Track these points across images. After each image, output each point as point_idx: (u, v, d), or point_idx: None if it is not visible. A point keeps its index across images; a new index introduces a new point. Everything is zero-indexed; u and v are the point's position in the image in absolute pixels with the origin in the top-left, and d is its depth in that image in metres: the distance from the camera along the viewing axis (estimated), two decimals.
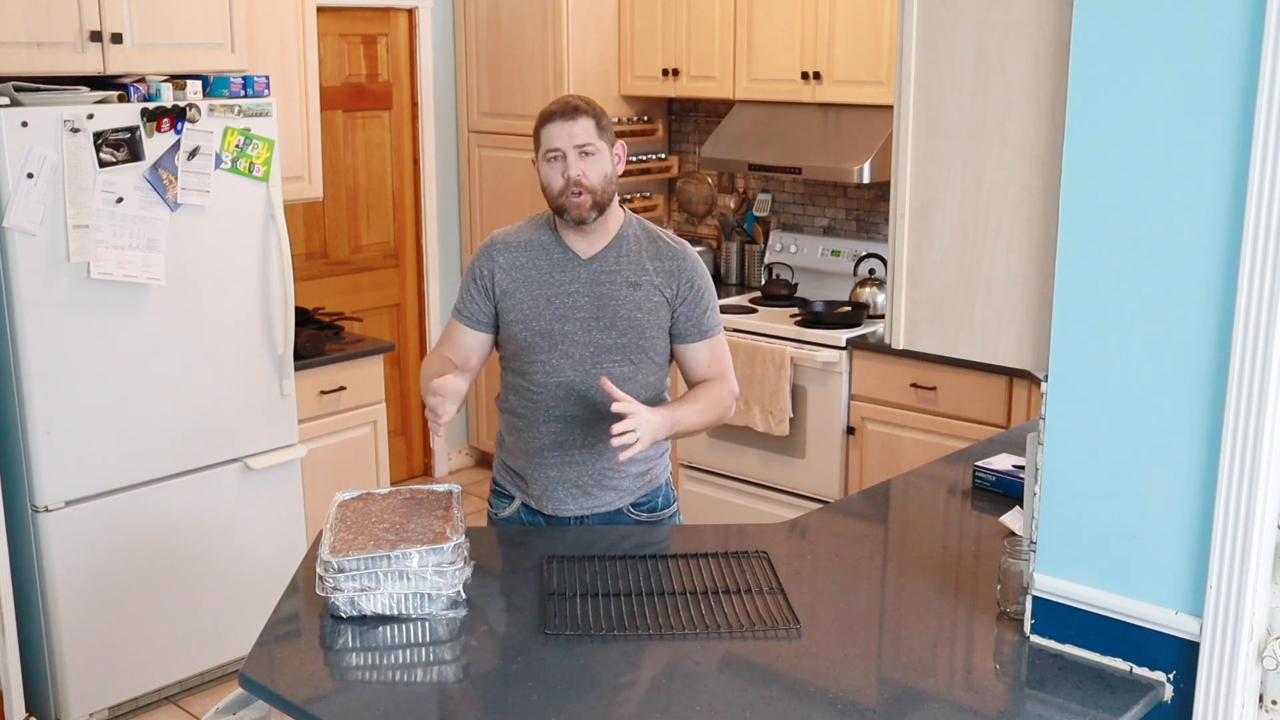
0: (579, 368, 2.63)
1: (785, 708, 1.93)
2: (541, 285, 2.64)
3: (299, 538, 4.05)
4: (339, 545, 2.24)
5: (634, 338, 2.64)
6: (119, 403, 3.58)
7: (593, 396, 2.63)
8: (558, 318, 2.63)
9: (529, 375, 2.67)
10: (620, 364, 2.64)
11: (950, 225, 2.10)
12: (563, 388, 2.64)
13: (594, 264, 2.64)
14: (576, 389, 2.64)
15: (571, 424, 2.66)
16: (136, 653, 3.72)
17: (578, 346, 2.63)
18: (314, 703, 1.98)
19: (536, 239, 2.68)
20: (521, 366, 2.68)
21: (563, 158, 2.57)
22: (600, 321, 2.63)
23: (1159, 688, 1.97)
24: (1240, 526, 1.83)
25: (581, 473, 2.69)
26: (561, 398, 2.65)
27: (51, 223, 3.37)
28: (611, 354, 2.64)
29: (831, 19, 4.56)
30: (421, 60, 5.50)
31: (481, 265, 2.69)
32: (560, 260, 2.65)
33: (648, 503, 2.78)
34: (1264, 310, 1.76)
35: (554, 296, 2.63)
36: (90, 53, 3.53)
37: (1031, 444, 2.11)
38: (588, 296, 2.63)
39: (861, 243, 4.95)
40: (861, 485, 4.39)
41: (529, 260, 2.66)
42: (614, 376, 2.60)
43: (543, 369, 2.65)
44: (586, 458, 2.68)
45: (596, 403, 2.62)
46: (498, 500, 2.82)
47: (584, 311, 2.63)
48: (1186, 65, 1.79)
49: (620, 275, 2.64)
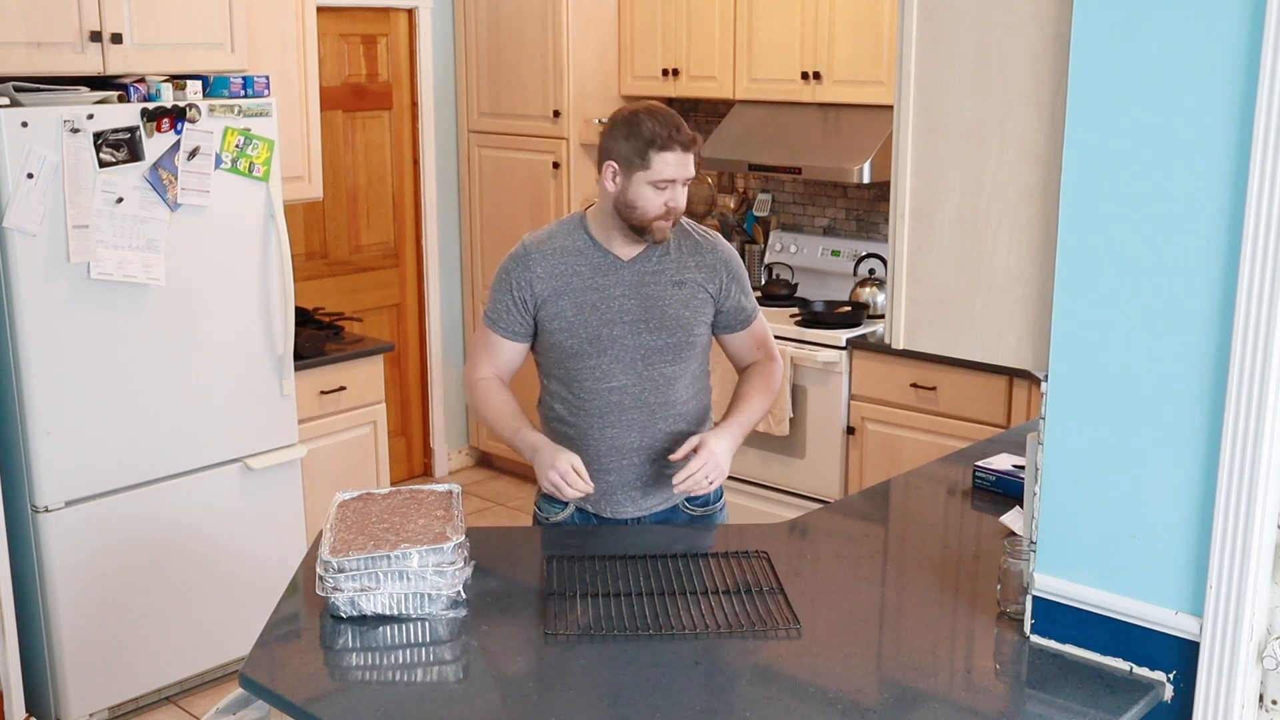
0: (630, 370, 2.62)
1: (785, 708, 1.93)
2: (585, 291, 2.60)
3: (299, 538, 4.05)
4: (339, 545, 2.24)
5: (683, 336, 2.65)
6: (119, 403, 3.58)
7: (646, 398, 2.63)
8: (605, 322, 2.60)
9: (577, 382, 2.64)
10: (670, 363, 2.65)
11: (950, 225, 2.10)
12: (615, 392, 2.63)
13: (636, 265, 2.62)
14: (629, 392, 2.63)
15: (627, 428, 2.64)
16: (136, 653, 3.72)
17: (628, 350, 2.61)
18: (314, 703, 1.98)
19: (572, 244, 2.63)
20: (568, 374, 2.65)
21: (671, 187, 2.53)
22: (649, 323, 2.61)
23: (1159, 688, 1.97)
24: (1240, 526, 1.83)
25: (639, 474, 2.67)
26: (614, 402, 2.63)
27: (51, 223, 3.37)
28: (662, 354, 2.64)
29: (831, 19, 4.56)
30: (421, 60, 5.50)
31: (517, 276, 2.62)
32: (601, 264, 2.61)
33: (700, 497, 2.76)
34: (1264, 310, 1.76)
35: (599, 301, 2.60)
36: (90, 53, 3.53)
37: (1031, 444, 2.11)
38: (634, 299, 2.61)
39: (861, 243, 4.95)
40: (861, 485, 4.39)
41: (568, 266, 2.61)
42: (666, 376, 2.63)
43: (592, 375, 2.62)
44: (643, 459, 2.67)
45: (651, 404, 2.64)
46: (549, 505, 2.75)
47: (631, 314, 2.60)
48: (1186, 65, 1.79)
49: (664, 275, 2.63)
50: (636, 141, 2.51)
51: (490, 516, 5.42)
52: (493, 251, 5.62)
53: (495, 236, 5.60)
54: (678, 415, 2.69)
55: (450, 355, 5.85)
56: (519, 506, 5.52)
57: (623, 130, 2.54)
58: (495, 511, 5.49)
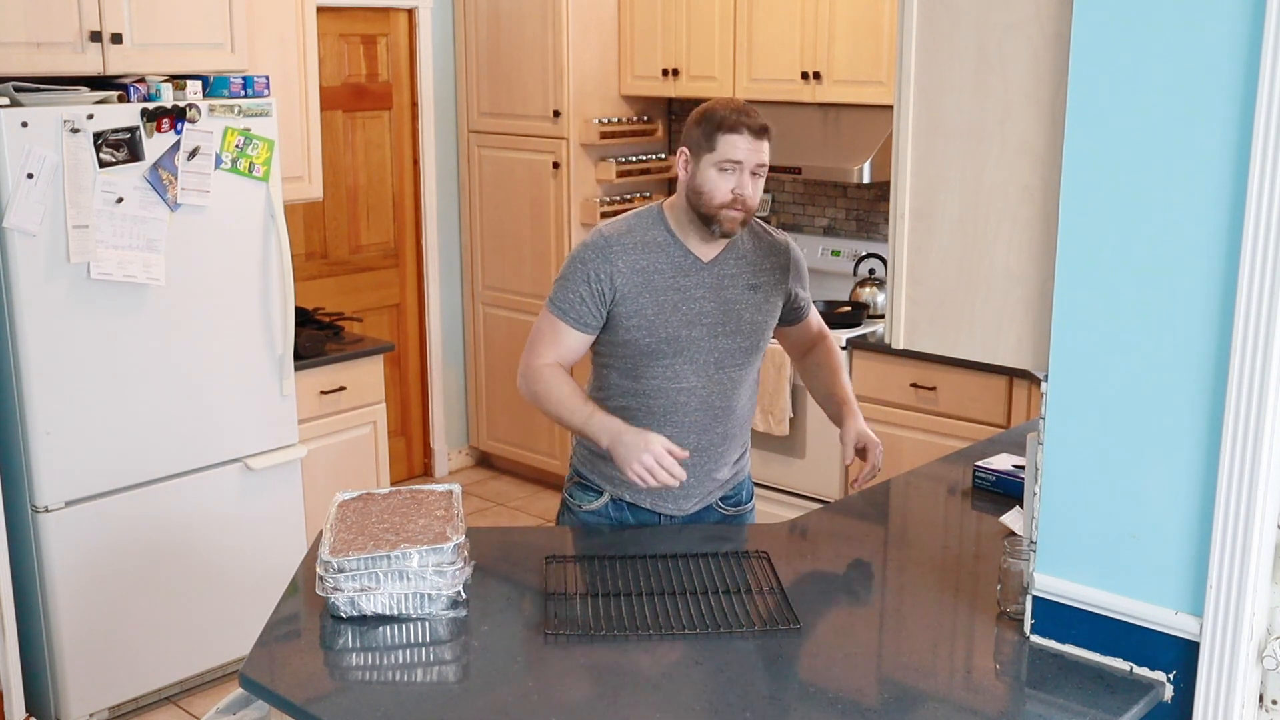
0: (702, 373, 2.60)
1: (785, 707, 1.93)
2: (666, 290, 2.56)
3: (299, 538, 4.05)
4: (339, 545, 2.24)
5: (755, 340, 2.66)
6: (119, 403, 3.58)
7: (712, 400, 2.63)
8: (685, 324, 2.57)
9: (646, 379, 2.61)
10: (741, 366, 2.65)
11: (950, 225, 2.10)
12: (683, 393, 2.61)
13: (715, 267, 2.60)
14: (698, 394, 2.61)
15: (687, 429, 2.62)
16: (136, 653, 3.72)
17: (703, 352, 2.60)
18: (314, 703, 1.98)
19: (653, 239, 2.58)
20: (637, 370, 2.61)
21: (739, 171, 2.51)
22: (726, 327, 2.60)
23: (1159, 688, 1.97)
24: (1240, 526, 1.83)
25: (689, 476, 2.59)
26: (681, 403, 2.61)
27: (51, 223, 3.37)
28: (734, 357, 2.63)
29: (831, 19, 4.56)
30: (421, 60, 5.50)
31: (597, 267, 2.54)
32: (682, 264, 2.58)
33: (734, 496, 2.78)
34: (1264, 309, 1.76)
35: (680, 302, 2.57)
36: (90, 53, 3.53)
37: (1031, 444, 2.11)
38: (713, 301, 2.59)
39: (861, 243, 4.95)
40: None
41: (650, 263, 2.56)
42: (733, 379, 2.64)
43: (664, 374, 2.59)
44: (697, 460, 2.63)
45: (715, 407, 2.64)
46: (583, 493, 2.73)
47: (710, 317, 2.59)
48: (1186, 65, 1.79)
49: (741, 279, 2.62)
50: (706, 125, 2.52)
51: (490, 516, 5.42)
52: (493, 251, 5.63)
53: (495, 236, 5.60)
54: (735, 419, 2.69)
55: (450, 355, 5.85)
56: (519, 506, 5.52)
57: (696, 117, 2.56)
58: (495, 511, 5.49)
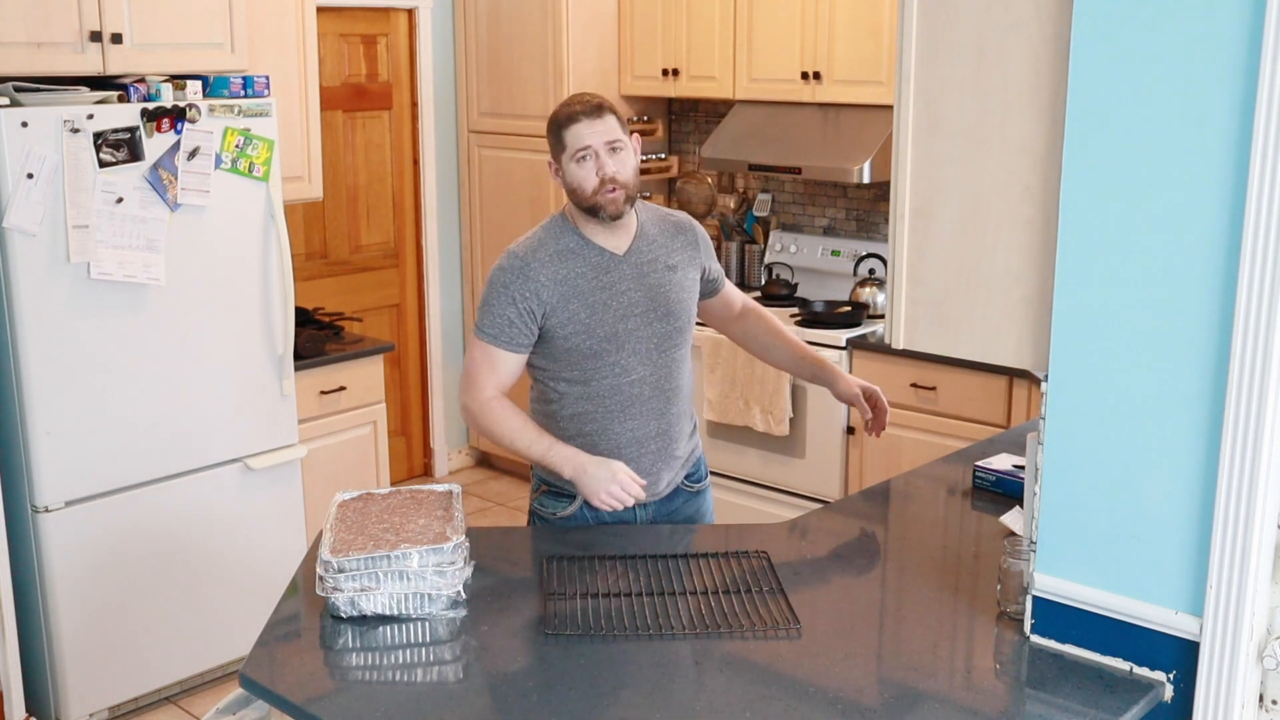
0: (646, 361, 2.67)
1: (785, 708, 1.93)
2: (593, 291, 2.61)
3: (299, 538, 4.05)
4: (339, 545, 2.24)
5: (686, 319, 2.74)
6: (119, 403, 3.58)
7: (661, 385, 2.70)
8: (619, 318, 2.63)
9: (595, 381, 2.65)
10: (679, 346, 2.74)
11: (950, 225, 2.10)
12: (634, 384, 2.67)
13: (632, 257, 2.66)
14: (647, 381, 2.68)
15: (646, 417, 2.69)
16: (136, 653, 3.72)
17: (642, 341, 2.66)
18: (314, 703, 1.98)
19: (566, 246, 2.63)
20: (584, 374, 2.65)
21: (594, 156, 2.57)
22: (657, 312, 2.67)
23: (1159, 687, 1.97)
24: (1240, 526, 1.83)
25: (654, 461, 2.71)
26: (634, 394, 2.67)
27: (51, 223, 3.37)
28: (671, 339, 2.71)
29: (831, 19, 4.56)
30: (421, 60, 5.50)
31: (519, 288, 2.59)
32: (600, 262, 2.64)
33: (695, 473, 2.88)
34: (1264, 310, 1.76)
35: (609, 299, 2.62)
36: (90, 53, 3.53)
37: (1031, 444, 2.11)
38: (639, 291, 2.65)
39: (861, 243, 4.95)
40: (861, 485, 4.38)
41: (569, 270, 2.61)
42: (675, 360, 2.72)
43: (611, 371, 2.65)
44: (660, 444, 2.72)
45: (665, 390, 2.72)
46: (554, 501, 2.74)
47: (640, 306, 2.65)
48: (1186, 65, 1.79)
49: (658, 262, 2.69)
50: (552, 128, 2.63)
51: (490, 516, 5.42)
52: (494, 251, 5.62)
53: (495, 236, 5.60)
54: (682, 395, 2.78)
55: (450, 355, 5.85)
56: (519, 506, 5.52)
57: (547, 127, 2.66)
58: (495, 511, 5.49)
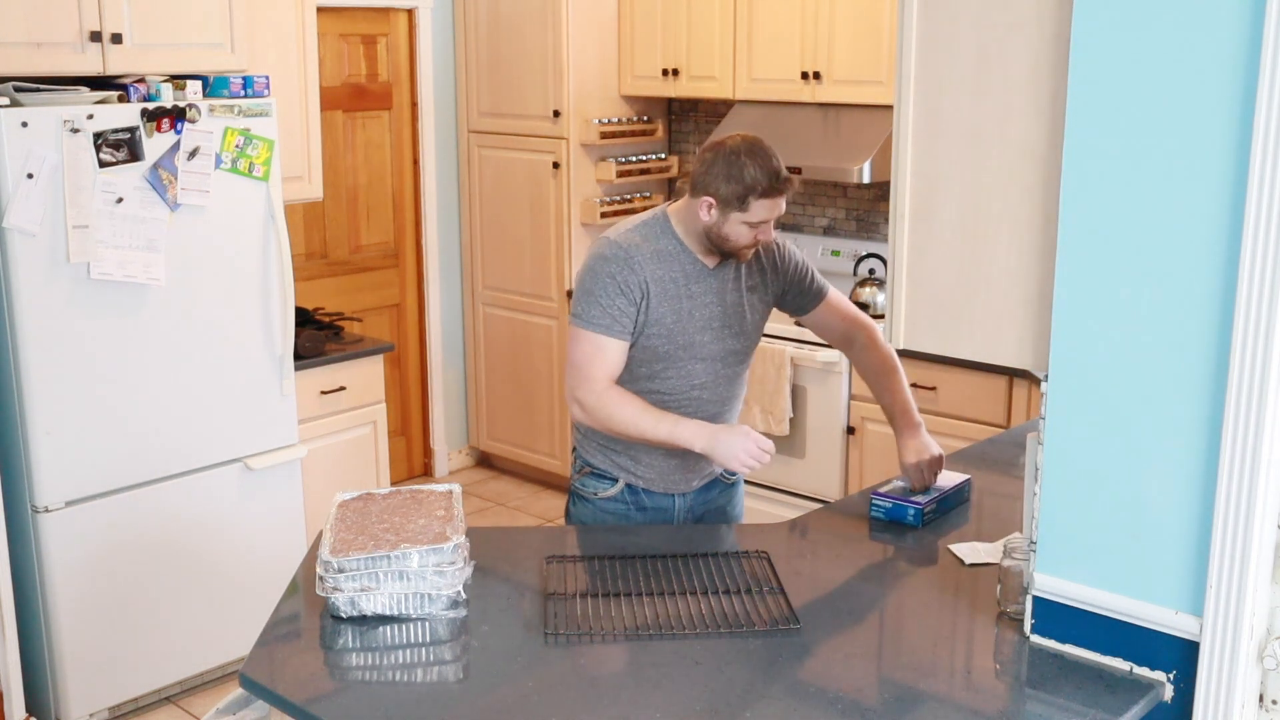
0: (711, 370, 2.73)
1: (785, 707, 1.93)
2: (681, 298, 2.66)
3: (299, 538, 4.05)
4: (339, 545, 2.23)
5: (754, 339, 2.82)
6: (119, 403, 3.58)
7: (721, 392, 2.77)
8: (698, 329, 2.69)
9: (662, 379, 2.71)
10: (742, 363, 2.80)
11: (950, 225, 2.10)
12: (696, 388, 2.73)
13: (719, 272, 2.71)
14: (709, 388, 2.75)
15: (700, 418, 2.72)
16: (136, 653, 3.72)
17: (712, 353, 2.73)
18: (314, 703, 1.99)
19: (665, 249, 2.66)
20: (653, 372, 2.70)
21: (765, 225, 2.60)
22: (730, 329, 2.73)
23: (1159, 687, 1.97)
24: (1240, 526, 1.83)
25: (699, 456, 2.69)
26: (695, 397, 2.74)
27: (51, 223, 3.37)
28: (738, 356, 2.78)
29: (831, 19, 4.56)
30: (421, 60, 5.50)
31: (625, 277, 2.61)
32: (692, 272, 2.68)
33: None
34: (1264, 309, 1.76)
35: (694, 309, 2.68)
36: (90, 53, 3.53)
37: (1031, 444, 2.11)
38: (719, 306, 2.71)
39: (861, 243, 4.95)
40: (861, 485, 4.38)
41: (665, 272, 2.65)
42: (736, 373, 2.80)
43: (678, 375, 2.71)
44: None
45: (724, 397, 2.79)
46: (597, 482, 2.80)
47: (717, 321, 2.71)
48: (1186, 65, 1.79)
49: (741, 281, 2.74)
50: (737, 186, 2.55)
51: (490, 516, 5.42)
52: (493, 251, 5.63)
53: (495, 236, 5.60)
54: (736, 404, 2.85)
55: (450, 355, 5.85)
56: (519, 506, 5.52)
57: (723, 170, 2.56)
58: (495, 511, 5.49)
